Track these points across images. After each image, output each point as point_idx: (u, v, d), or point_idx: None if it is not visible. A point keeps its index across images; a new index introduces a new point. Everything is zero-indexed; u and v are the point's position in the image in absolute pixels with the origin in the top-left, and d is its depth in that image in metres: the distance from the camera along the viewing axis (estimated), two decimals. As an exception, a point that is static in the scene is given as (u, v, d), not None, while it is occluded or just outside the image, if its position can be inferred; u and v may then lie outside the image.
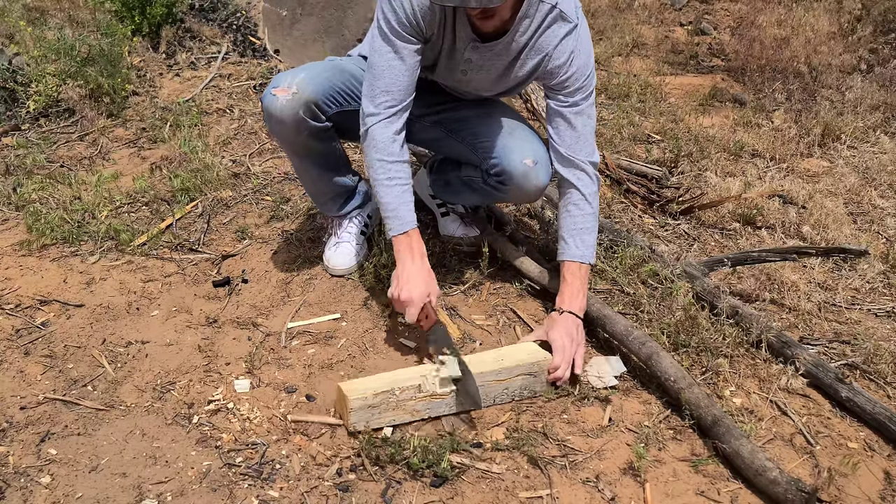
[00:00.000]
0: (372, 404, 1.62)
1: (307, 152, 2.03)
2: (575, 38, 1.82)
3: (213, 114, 3.30)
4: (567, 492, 1.53)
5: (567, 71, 1.84)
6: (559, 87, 1.86)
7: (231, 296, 2.12)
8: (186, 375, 1.81)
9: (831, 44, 4.44)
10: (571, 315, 1.84)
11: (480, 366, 1.73)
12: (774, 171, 3.05)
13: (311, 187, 2.20)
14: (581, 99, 1.87)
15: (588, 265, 1.91)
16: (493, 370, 1.72)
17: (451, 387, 1.68)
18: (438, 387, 1.67)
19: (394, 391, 1.63)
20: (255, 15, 4.14)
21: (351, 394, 1.61)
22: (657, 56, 4.48)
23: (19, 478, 1.51)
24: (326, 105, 1.94)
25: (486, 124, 2.03)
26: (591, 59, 1.88)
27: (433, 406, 1.69)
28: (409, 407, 1.67)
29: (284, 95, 1.88)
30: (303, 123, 1.92)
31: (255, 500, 1.48)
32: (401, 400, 1.65)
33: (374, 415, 1.63)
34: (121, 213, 2.50)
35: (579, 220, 1.90)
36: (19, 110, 3.10)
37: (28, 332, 1.95)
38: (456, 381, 1.69)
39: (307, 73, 1.93)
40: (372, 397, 1.62)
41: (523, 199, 2.13)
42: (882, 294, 2.28)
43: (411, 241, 1.84)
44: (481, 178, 2.08)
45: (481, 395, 1.70)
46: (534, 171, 1.95)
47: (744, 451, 1.55)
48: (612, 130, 3.29)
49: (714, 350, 1.90)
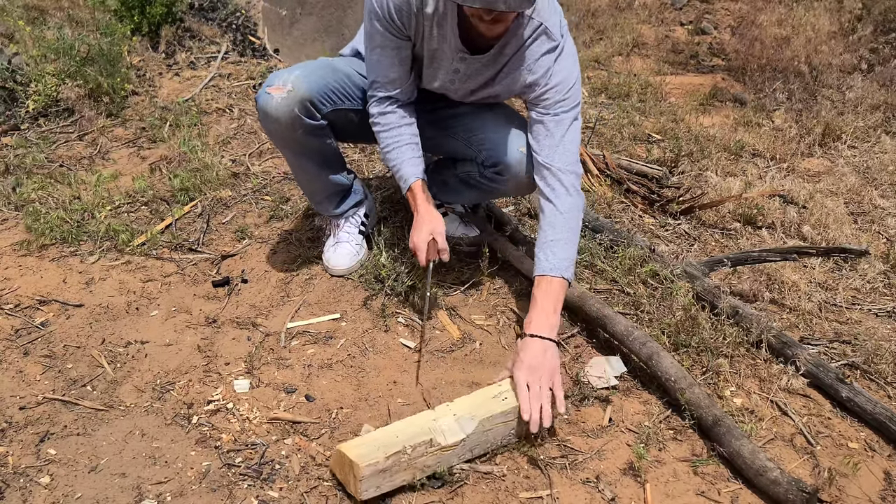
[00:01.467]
0: (384, 468, 1.44)
1: (302, 150, 2.03)
2: (554, 56, 1.82)
3: (212, 113, 3.29)
4: (567, 492, 1.53)
5: (545, 85, 1.83)
6: (537, 101, 1.86)
7: (230, 296, 2.11)
8: (186, 375, 1.81)
9: (832, 43, 4.44)
10: (538, 339, 1.68)
11: (491, 409, 1.58)
12: (775, 170, 3.05)
13: (306, 186, 2.20)
14: (562, 111, 1.84)
15: (562, 279, 1.77)
16: (503, 412, 1.57)
17: (461, 436, 1.53)
18: (447, 438, 1.52)
19: (405, 450, 1.46)
20: (255, 14, 4.14)
21: (361, 460, 1.42)
22: (657, 56, 4.48)
23: (19, 478, 1.51)
24: (321, 103, 1.94)
25: (479, 118, 2.04)
26: (573, 78, 1.84)
27: (443, 459, 1.53)
28: (421, 464, 1.50)
29: (279, 93, 1.89)
30: (298, 121, 1.92)
31: (255, 500, 1.48)
32: (412, 458, 1.47)
33: (385, 479, 1.46)
34: (120, 213, 2.50)
35: (550, 233, 1.81)
36: (18, 110, 3.09)
37: (27, 332, 1.94)
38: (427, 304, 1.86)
39: (302, 72, 1.94)
40: (384, 461, 1.43)
41: (520, 189, 2.10)
42: (882, 294, 2.28)
43: (415, 195, 1.93)
44: (478, 171, 2.08)
45: (491, 440, 1.58)
46: (529, 159, 1.93)
47: (745, 451, 1.54)
48: (612, 130, 3.29)
49: (714, 350, 1.89)
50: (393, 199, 2.60)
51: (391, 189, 2.67)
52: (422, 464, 1.50)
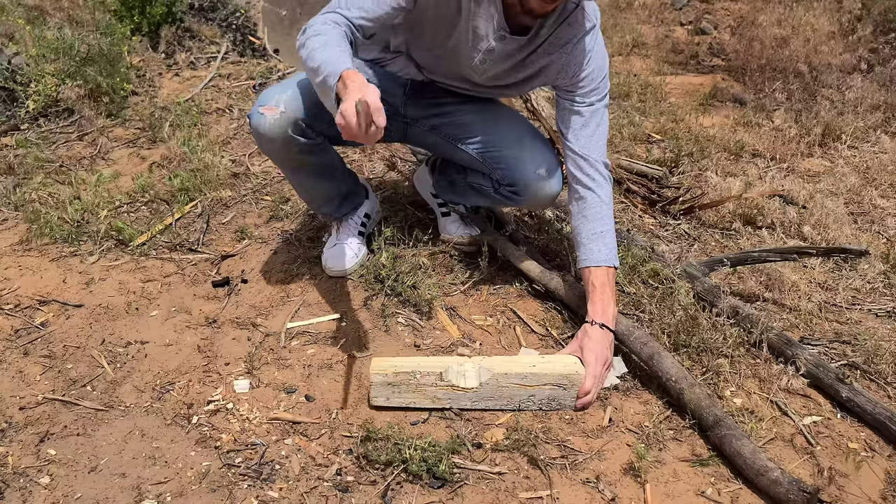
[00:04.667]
0: (392, 382, 1.67)
1: (300, 166, 2.01)
2: (593, 38, 1.83)
3: (212, 113, 3.29)
4: (567, 492, 1.53)
5: (584, 70, 1.84)
6: (574, 88, 1.86)
7: (230, 296, 2.11)
8: (186, 376, 1.81)
9: (831, 43, 4.44)
10: (605, 330, 1.80)
11: (509, 367, 1.70)
12: (775, 170, 3.05)
13: (304, 195, 2.19)
14: (597, 100, 1.87)
15: (614, 268, 1.88)
16: (520, 374, 1.69)
17: (475, 383, 1.69)
18: (461, 380, 1.68)
19: (415, 374, 1.67)
20: (255, 14, 4.14)
21: (374, 369, 1.68)
22: (657, 56, 4.48)
23: (18, 478, 1.50)
24: (315, 121, 1.89)
25: (491, 133, 2.01)
26: (607, 62, 1.88)
27: (454, 397, 1.69)
28: (430, 393, 1.69)
29: (272, 114, 1.85)
30: (292, 141, 1.89)
31: (255, 500, 1.48)
32: (421, 384, 1.68)
33: (394, 393, 1.68)
34: (120, 213, 2.50)
35: (598, 224, 1.88)
36: (18, 110, 3.09)
37: (27, 332, 1.94)
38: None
39: (294, 91, 1.87)
40: (392, 375, 1.67)
41: (536, 207, 2.14)
42: (882, 294, 2.28)
43: (344, 80, 1.50)
44: (492, 187, 2.07)
45: (507, 397, 1.70)
46: (547, 180, 1.96)
47: (745, 451, 1.54)
48: (613, 130, 3.28)
49: (714, 350, 1.89)
50: (393, 199, 2.60)
51: (391, 189, 2.67)
52: (431, 393, 1.68)
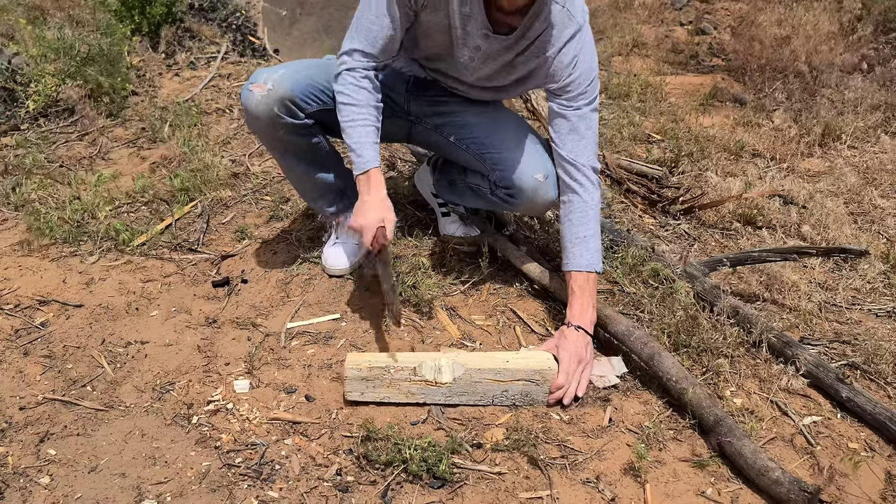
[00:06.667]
0: (366, 377, 1.69)
1: (286, 147, 2.03)
2: (580, 41, 1.83)
3: (212, 114, 3.29)
4: (567, 492, 1.53)
5: (570, 74, 1.84)
6: (561, 91, 1.87)
7: (230, 296, 2.11)
8: (186, 376, 1.81)
9: (832, 43, 4.44)
10: (581, 332, 1.82)
11: (484, 363, 1.73)
12: (775, 170, 3.05)
13: (297, 184, 2.20)
14: (584, 104, 1.87)
15: (595, 273, 1.89)
16: (494, 369, 1.72)
17: (449, 378, 1.70)
18: (434, 375, 1.70)
19: (388, 369, 1.69)
20: (255, 14, 4.14)
21: (348, 363, 1.70)
22: (657, 56, 4.48)
23: (18, 478, 1.50)
24: (305, 102, 1.93)
25: (492, 134, 2.02)
26: (595, 65, 1.88)
27: (428, 393, 1.71)
28: (404, 388, 1.70)
29: (260, 91, 1.89)
30: (277, 119, 1.91)
31: (255, 500, 1.48)
32: (395, 379, 1.70)
33: (368, 388, 1.70)
34: (120, 213, 2.50)
35: (581, 228, 1.89)
36: (18, 110, 3.09)
37: (27, 332, 1.94)
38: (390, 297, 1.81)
39: (286, 70, 1.92)
40: (367, 370, 1.69)
41: (531, 212, 2.14)
42: (882, 294, 2.28)
43: (370, 178, 1.83)
44: (489, 188, 2.08)
45: (480, 392, 1.72)
46: (544, 186, 1.96)
47: (746, 451, 1.54)
48: (612, 130, 3.29)
49: (714, 350, 1.89)
50: (393, 199, 2.58)
51: (391, 189, 2.66)
52: (405, 388, 1.71)
